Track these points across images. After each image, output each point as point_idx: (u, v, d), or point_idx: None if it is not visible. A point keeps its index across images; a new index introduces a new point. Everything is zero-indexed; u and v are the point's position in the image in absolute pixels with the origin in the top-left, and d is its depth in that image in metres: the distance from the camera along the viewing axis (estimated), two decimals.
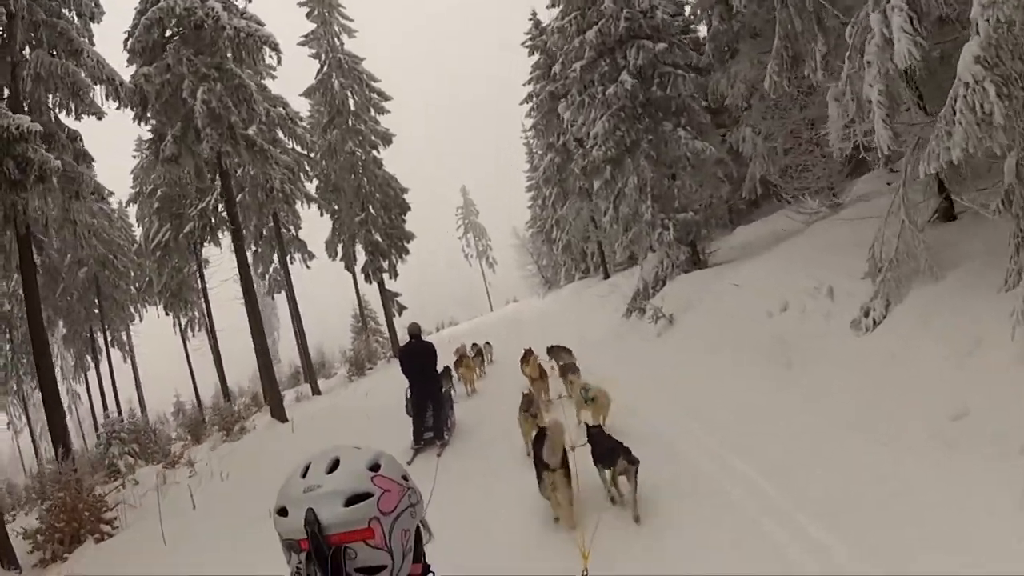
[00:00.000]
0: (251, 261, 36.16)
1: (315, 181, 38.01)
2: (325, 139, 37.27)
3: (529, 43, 39.54)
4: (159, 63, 23.49)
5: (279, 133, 33.86)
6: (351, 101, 37.90)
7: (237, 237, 26.06)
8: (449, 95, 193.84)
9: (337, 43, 38.27)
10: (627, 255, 23.61)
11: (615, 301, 26.36)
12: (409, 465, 12.10)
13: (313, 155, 36.91)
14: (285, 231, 37.06)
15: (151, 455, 23.84)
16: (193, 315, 42.22)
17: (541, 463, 7.82)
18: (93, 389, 42.74)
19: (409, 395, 14.26)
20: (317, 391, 33.46)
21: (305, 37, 38.14)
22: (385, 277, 38.25)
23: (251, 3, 25.44)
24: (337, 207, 38.34)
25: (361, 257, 38.60)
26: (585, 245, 44.29)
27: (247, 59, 24.76)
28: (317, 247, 39.02)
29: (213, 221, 31.96)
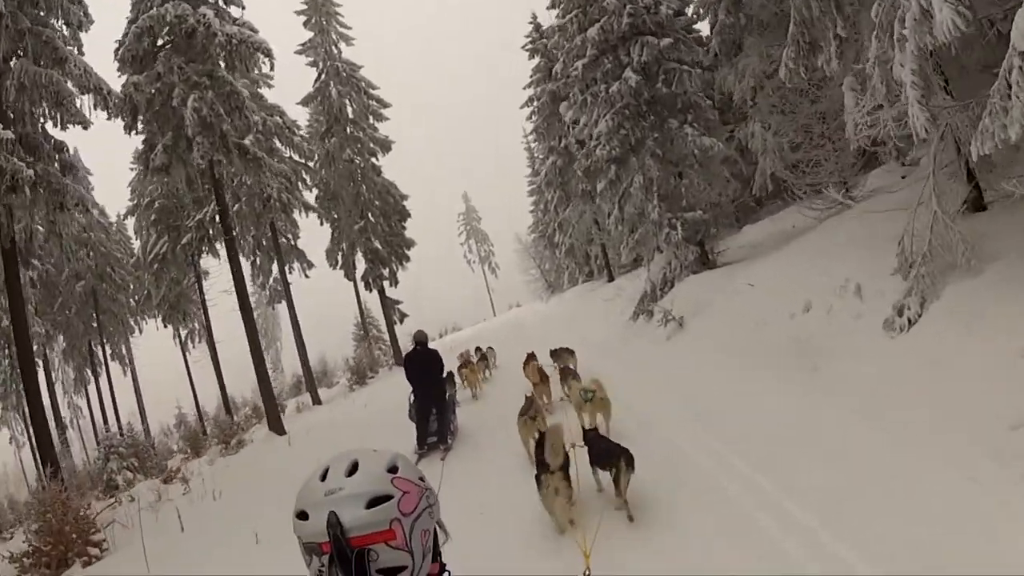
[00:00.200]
0: (249, 272, 35.84)
1: (315, 190, 37.49)
2: (323, 147, 36.57)
3: (529, 46, 38.66)
4: (149, 72, 22.89)
5: (276, 142, 33.27)
6: (349, 109, 37.30)
7: (231, 248, 25.32)
8: (448, 96, 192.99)
9: (335, 51, 37.68)
10: (632, 257, 22.70)
11: (621, 304, 25.48)
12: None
13: (312, 164, 36.28)
14: (284, 240, 36.42)
15: (149, 470, 23.49)
16: (193, 327, 41.84)
17: (542, 465, 7.70)
18: (95, 402, 42.58)
19: (412, 400, 14.15)
20: (318, 401, 32.97)
21: (302, 45, 37.62)
22: (386, 285, 37.61)
23: (245, 10, 24.77)
24: (336, 215, 37.66)
25: (361, 265, 37.91)
26: (588, 248, 43.28)
27: (240, 66, 24.11)
28: (318, 256, 38.62)
29: (211, 232, 31.48)
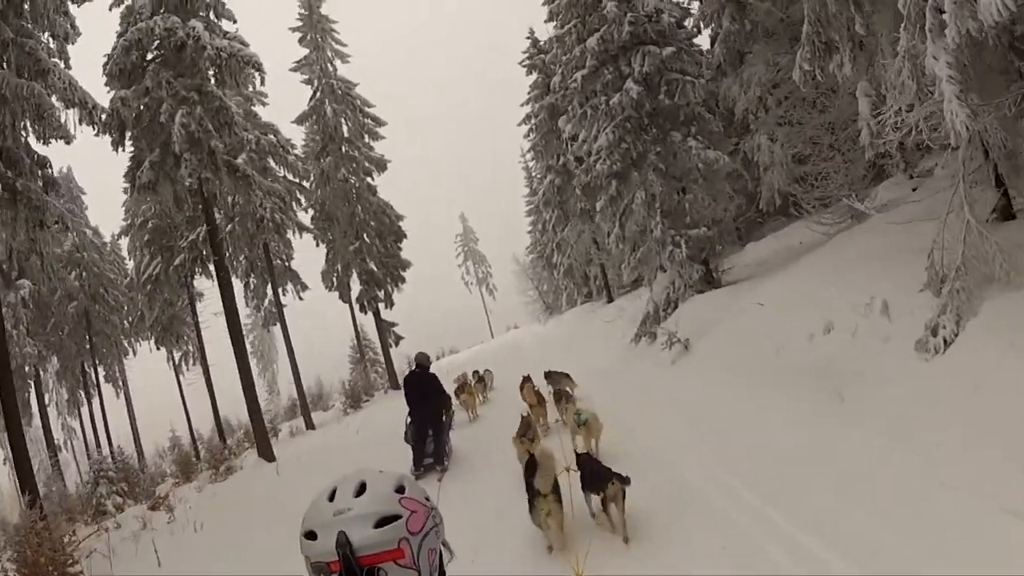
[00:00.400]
0: (242, 294, 34.75)
1: (310, 211, 36.59)
2: (319, 167, 35.66)
3: (527, 62, 37.53)
4: (137, 86, 21.98)
5: (270, 161, 32.49)
6: (344, 127, 36.32)
7: (221, 269, 24.26)
8: (440, 109, 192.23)
9: (330, 68, 36.71)
10: (634, 277, 21.64)
11: (622, 326, 24.43)
12: None
13: (308, 183, 35.45)
14: (278, 262, 35.49)
15: (138, 495, 23.24)
16: (188, 349, 40.81)
17: (533, 489, 7.66)
18: (90, 424, 41.85)
19: (409, 422, 14.09)
20: (311, 425, 32.01)
21: (297, 63, 36.63)
22: (381, 307, 36.52)
23: (237, 24, 23.91)
24: (332, 236, 36.69)
25: (356, 287, 36.85)
26: (587, 268, 42.17)
27: (230, 81, 23.14)
28: (314, 277, 37.50)
29: (204, 253, 30.70)
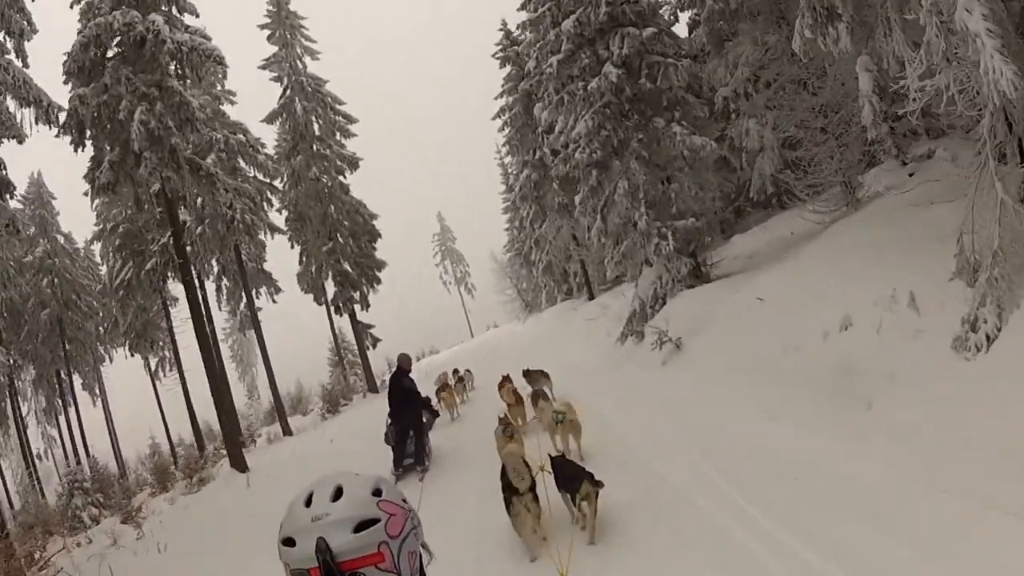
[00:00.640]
0: (215, 297, 33.42)
1: (284, 212, 35.21)
2: (289, 166, 34.22)
3: (500, 54, 36.20)
4: (96, 84, 20.58)
5: (240, 161, 31.08)
6: (315, 125, 34.88)
7: (186, 272, 22.82)
8: (418, 113, 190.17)
9: (299, 65, 35.26)
10: (617, 273, 20.22)
11: (606, 324, 23.16)
12: None
13: (281, 184, 34.07)
14: (252, 265, 34.09)
15: (114, 506, 22.53)
16: (164, 354, 39.33)
17: (509, 489, 7.65)
18: (70, 432, 40.46)
19: (389, 424, 14.08)
20: (288, 431, 30.53)
21: (266, 60, 35.14)
22: (357, 308, 35.10)
23: (200, 18, 22.53)
24: (305, 237, 35.28)
25: (332, 288, 35.39)
26: (567, 264, 40.60)
27: (191, 75, 21.79)
28: (290, 279, 36.21)
29: (176, 257, 29.19)
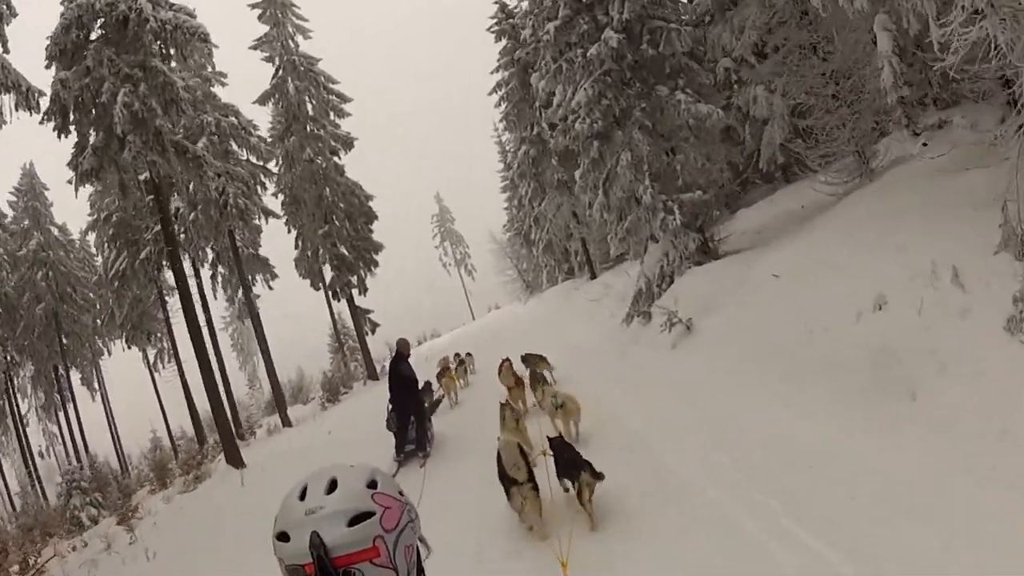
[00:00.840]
0: (211, 286, 32.54)
1: (280, 196, 34.28)
2: (283, 147, 33.20)
3: (495, 28, 34.92)
4: (78, 67, 19.68)
5: (232, 144, 30.16)
6: (309, 105, 33.87)
7: (175, 260, 21.93)
8: (417, 97, 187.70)
9: (291, 44, 34.26)
10: (621, 250, 19.06)
11: (610, 304, 22.17)
12: (394, 477, 9.31)
13: (276, 167, 33.13)
14: (249, 251, 33.22)
15: (112, 505, 22.19)
16: (162, 346, 38.38)
17: (507, 479, 7.63)
18: (67, 429, 39.87)
19: (390, 410, 13.88)
20: (288, 423, 29.76)
21: (257, 40, 34.11)
22: (354, 293, 34.16)
23: None
24: (301, 220, 34.32)
25: (329, 273, 34.43)
26: (568, 243, 39.53)
27: (176, 54, 20.92)
28: (288, 265, 35.31)
29: (165, 245, 28.32)
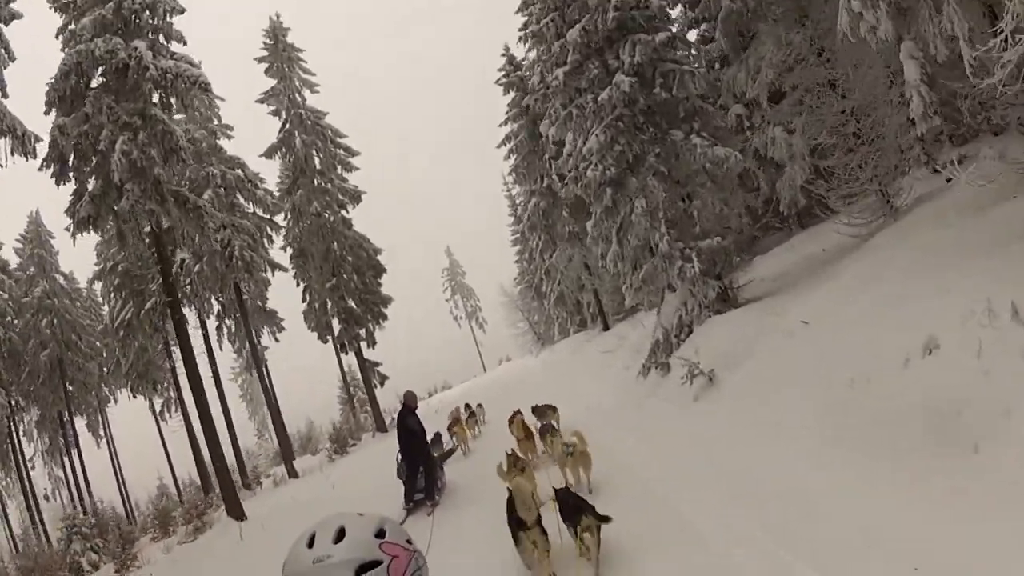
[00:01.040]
0: (215, 337, 31.86)
1: (289, 249, 33.72)
2: (290, 201, 32.65)
3: (503, 80, 34.41)
4: (77, 113, 19.21)
5: (238, 196, 29.71)
6: (316, 159, 33.34)
7: (175, 312, 21.15)
8: (426, 152, 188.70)
9: (298, 98, 33.86)
10: (635, 301, 18.00)
11: (624, 356, 21.19)
12: (402, 524, 8.55)
13: (284, 220, 32.61)
14: (258, 304, 32.65)
15: (114, 552, 21.83)
16: (169, 395, 37.86)
17: (517, 523, 7.46)
18: (71, 474, 39.31)
19: (400, 459, 14.02)
20: (294, 474, 29.01)
21: (264, 94, 33.77)
22: (363, 346, 33.36)
23: (187, 45, 21.13)
24: (310, 274, 33.70)
25: (337, 326, 33.64)
26: (579, 295, 38.59)
27: (176, 103, 20.40)
28: (298, 317, 34.86)
29: (165, 295, 27.76)
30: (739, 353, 11.90)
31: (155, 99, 20.09)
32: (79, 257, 35.64)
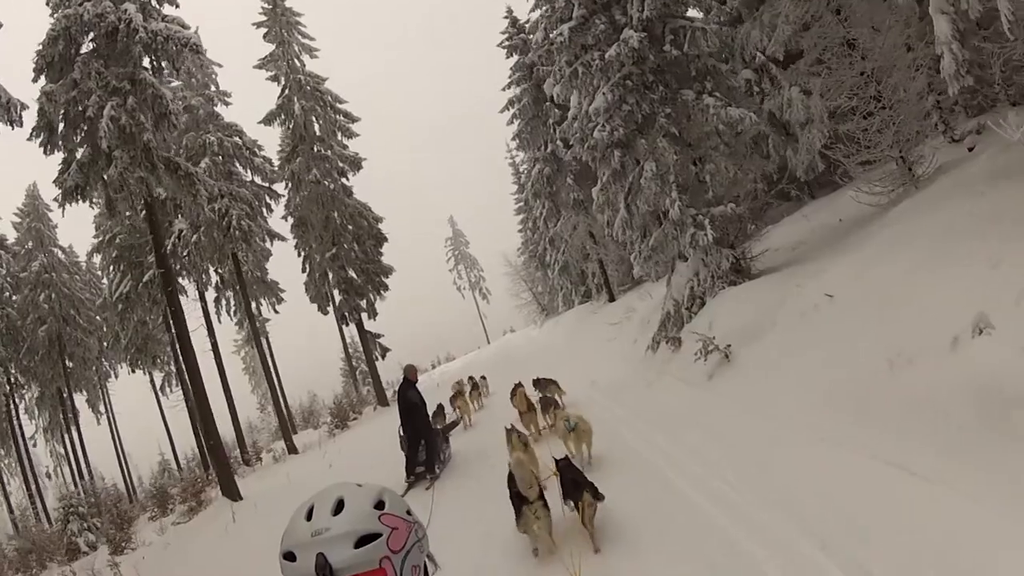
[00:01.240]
0: (214, 310, 31.23)
1: (289, 219, 33.02)
2: (289, 168, 31.83)
3: (506, 43, 33.48)
4: (65, 79, 18.44)
5: (236, 164, 28.96)
6: (315, 125, 32.44)
7: (167, 282, 20.28)
8: (431, 119, 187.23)
9: (297, 63, 32.93)
10: (644, 271, 17.16)
11: (631, 329, 20.50)
12: (403, 497, 8.34)
13: (284, 188, 31.91)
14: (256, 274, 31.99)
15: (111, 532, 21.18)
16: (169, 369, 37.24)
17: (518, 498, 7.33)
18: (72, 451, 39.19)
19: (401, 433, 13.90)
20: (294, 450, 28.31)
21: (262, 60, 32.80)
22: (364, 317, 32.65)
23: (179, 8, 20.30)
24: (310, 243, 33.01)
25: (338, 296, 32.93)
26: (584, 265, 37.87)
27: (167, 66, 19.60)
28: (300, 288, 34.27)
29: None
30: (757, 328, 11.11)
31: (146, 63, 19.36)
32: (79, 229, 34.95)
